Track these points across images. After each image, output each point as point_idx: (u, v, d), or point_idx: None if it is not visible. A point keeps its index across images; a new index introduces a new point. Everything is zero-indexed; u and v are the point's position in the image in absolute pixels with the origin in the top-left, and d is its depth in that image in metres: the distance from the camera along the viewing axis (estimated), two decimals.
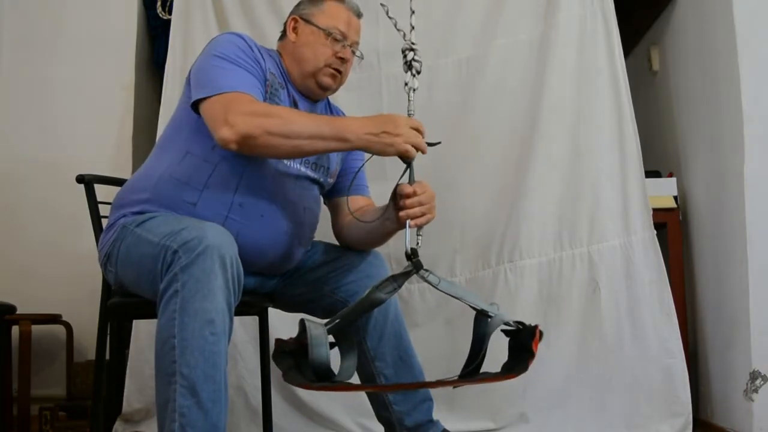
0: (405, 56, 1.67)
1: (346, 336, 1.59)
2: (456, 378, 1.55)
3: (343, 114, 2.06)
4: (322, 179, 1.91)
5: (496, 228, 2.64)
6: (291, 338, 1.52)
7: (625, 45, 2.70)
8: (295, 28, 1.91)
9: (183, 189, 1.72)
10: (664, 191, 2.78)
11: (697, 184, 2.78)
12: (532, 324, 1.52)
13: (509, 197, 2.64)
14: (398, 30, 1.69)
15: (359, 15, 1.94)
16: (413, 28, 1.67)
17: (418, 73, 1.67)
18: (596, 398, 2.48)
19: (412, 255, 1.57)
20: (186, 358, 1.45)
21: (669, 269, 2.56)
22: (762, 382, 2.28)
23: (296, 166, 1.82)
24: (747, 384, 2.31)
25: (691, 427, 2.42)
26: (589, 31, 2.64)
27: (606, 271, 2.52)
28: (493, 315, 1.54)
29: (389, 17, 1.70)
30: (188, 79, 1.79)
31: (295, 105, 1.86)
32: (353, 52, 1.92)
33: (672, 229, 2.77)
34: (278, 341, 1.52)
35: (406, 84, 1.66)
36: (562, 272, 2.56)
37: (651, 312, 2.48)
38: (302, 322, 1.47)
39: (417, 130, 1.62)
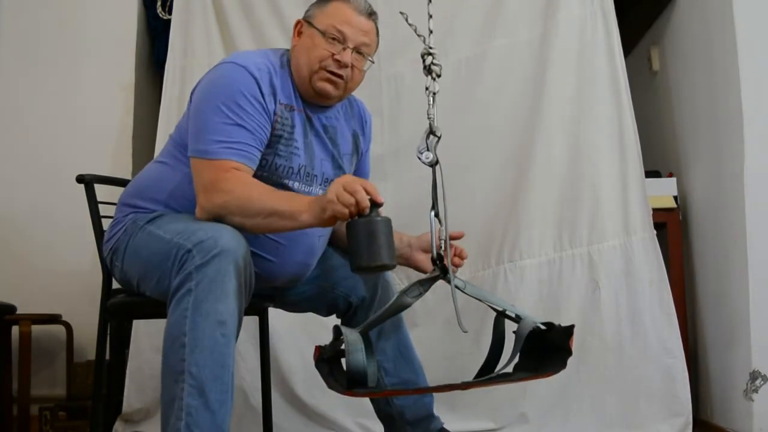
0: (424, 60, 1.68)
1: (368, 341, 1.60)
2: (490, 378, 1.55)
3: (368, 115, 1.99)
4: None
5: (496, 228, 2.64)
6: (327, 344, 1.52)
7: (625, 45, 2.70)
8: (300, 32, 1.81)
9: (195, 211, 1.67)
10: (664, 191, 2.78)
11: (697, 184, 2.78)
12: (561, 324, 1.53)
13: (509, 197, 2.64)
14: (419, 36, 1.69)
15: (369, 14, 1.80)
16: (431, 32, 1.68)
17: (438, 76, 1.68)
18: (596, 398, 2.48)
19: (438, 260, 1.59)
20: (195, 357, 1.45)
21: (669, 269, 2.56)
22: (762, 382, 2.28)
23: (317, 190, 1.78)
24: (747, 384, 2.30)
25: (691, 427, 2.42)
26: (589, 31, 2.64)
27: (606, 271, 2.52)
28: (522, 317, 1.55)
29: (409, 24, 1.70)
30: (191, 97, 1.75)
31: (309, 122, 1.79)
32: (361, 55, 1.78)
33: (672, 229, 2.77)
34: (318, 348, 1.52)
35: (426, 88, 1.67)
36: (562, 272, 2.56)
37: (651, 312, 2.48)
38: (336, 328, 1.47)
39: (353, 188, 1.49)
